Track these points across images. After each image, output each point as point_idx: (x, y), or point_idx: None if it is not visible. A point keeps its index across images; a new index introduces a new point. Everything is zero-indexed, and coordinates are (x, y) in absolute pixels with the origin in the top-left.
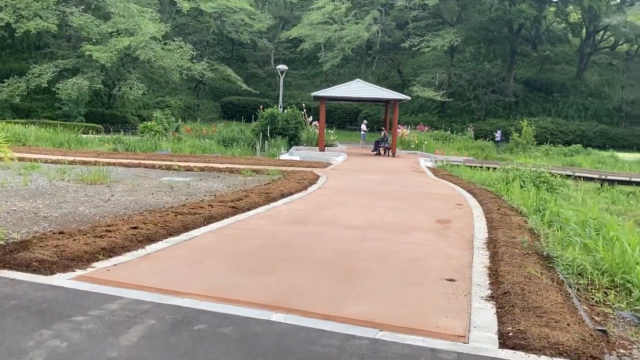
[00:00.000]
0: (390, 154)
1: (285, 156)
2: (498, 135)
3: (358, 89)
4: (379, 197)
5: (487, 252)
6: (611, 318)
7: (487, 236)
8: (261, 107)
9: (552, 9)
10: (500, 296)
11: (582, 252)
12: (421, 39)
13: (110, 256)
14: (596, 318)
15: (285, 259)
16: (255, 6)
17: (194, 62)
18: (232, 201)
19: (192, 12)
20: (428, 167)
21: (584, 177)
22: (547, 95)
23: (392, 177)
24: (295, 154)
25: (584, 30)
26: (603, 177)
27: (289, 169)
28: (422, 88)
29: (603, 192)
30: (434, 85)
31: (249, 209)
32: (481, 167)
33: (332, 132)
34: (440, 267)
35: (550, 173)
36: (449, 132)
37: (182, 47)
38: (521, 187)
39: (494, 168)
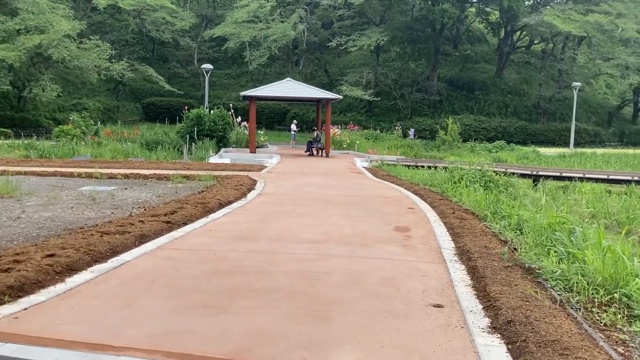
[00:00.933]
0: (324, 154)
1: (214, 159)
2: (411, 133)
3: (289, 88)
4: (327, 204)
5: (463, 266)
6: (632, 347)
7: (454, 245)
8: (186, 108)
9: (473, 9)
10: (504, 326)
11: (566, 263)
12: (347, 38)
13: (20, 296)
14: (619, 349)
15: (240, 290)
16: (176, 4)
17: (112, 62)
18: (165, 214)
19: (109, 9)
20: (365, 168)
21: (520, 174)
22: (469, 94)
23: (333, 179)
24: (226, 157)
25: (503, 30)
26: (535, 172)
27: (222, 173)
28: (351, 87)
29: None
30: (361, 85)
31: (185, 223)
32: (416, 166)
33: (261, 132)
34: (420, 289)
35: (494, 171)
36: (379, 131)
37: (99, 46)
38: (466, 186)
39: (429, 167)
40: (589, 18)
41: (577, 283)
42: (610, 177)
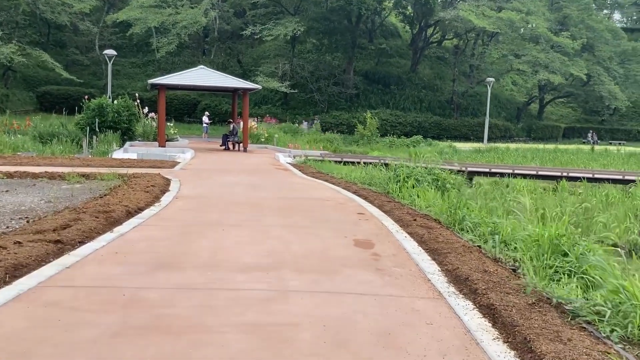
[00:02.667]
0: (242, 148)
1: (119, 154)
2: (305, 125)
3: (203, 76)
4: (261, 210)
5: (471, 304)
6: None
7: (439, 268)
8: (86, 97)
9: (389, 4)
10: None
11: (605, 296)
12: (262, 27)
13: None
14: None
15: None
16: None
17: None
18: (54, 230)
19: None
20: (290, 164)
21: (449, 170)
22: (385, 88)
23: (259, 177)
24: (132, 151)
25: (418, 25)
26: (465, 168)
27: (129, 171)
28: (266, 78)
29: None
30: (277, 76)
31: (82, 242)
32: (343, 162)
33: (171, 125)
34: (435, 349)
35: (441, 169)
36: (297, 125)
37: None
38: (414, 186)
39: (357, 162)
40: (502, 15)
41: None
42: (540, 172)
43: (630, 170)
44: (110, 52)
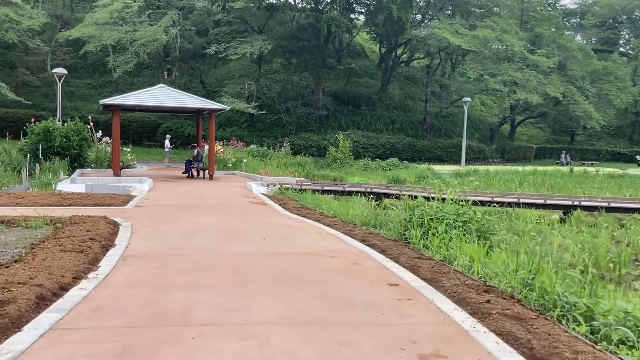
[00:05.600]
0: (207, 175)
1: (64, 185)
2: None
3: (163, 95)
4: (246, 280)
5: None
6: None
7: None
8: (33, 120)
9: (359, 21)
10: None
11: None
12: (227, 45)
13: None
14: None
15: None
16: (25, 0)
17: None
18: None
19: None
20: (266, 195)
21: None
22: (355, 109)
23: (234, 217)
24: (80, 182)
25: (389, 44)
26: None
27: (68, 211)
28: (232, 99)
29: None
30: (243, 97)
31: None
32: (322, 191)
33: (128, 149)
34: None
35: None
36: (265, 148)
37: None
38: (446, 231)
39: (342, 191)
40: (478, 32)
41: None
42: (548, 202)
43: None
44: (59, 70)
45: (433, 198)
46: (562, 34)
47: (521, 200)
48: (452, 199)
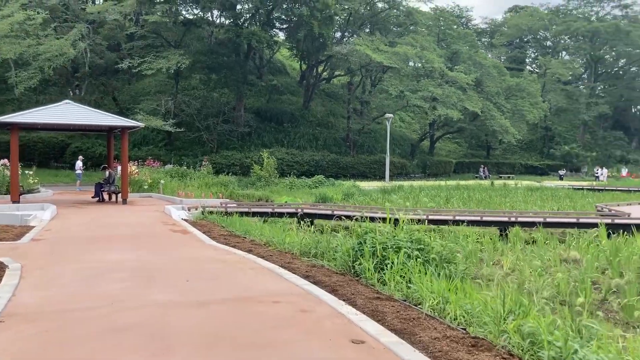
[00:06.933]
0: (120, 199)
1: None
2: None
3: (70, 112)
4: (170, 353)
5: None
6: None
7: None
8: None
9: (280, 38)
10: None
11: None
12: (142, 60)
13: None
14: None
15: None
16: None
17: None
18: None
19: None
20: (187, 221)
21: (379, 218)
22: (278, 126)
23: (151, 252)
24: None
25: (309, 60)
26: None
27: None
28: (148, 116)
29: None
30: (160, 114)
31: None
32: (251, 213)
33: (30, 172)
34: None
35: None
36: (185, 167)
37: None
38: (403, 264)
39: (271, 213)
40: (398, 49)
41: None
42: (484, 218)
43: (582, 210)
44: None
45: (372, 219)
46: (477, 51)
47: (457, 218)
48: (393, 220)
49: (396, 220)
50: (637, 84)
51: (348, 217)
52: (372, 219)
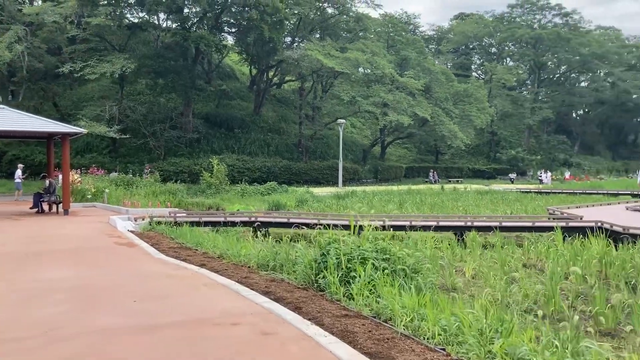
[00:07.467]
0: (62, 210)
1: None
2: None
3: (5, 118)
4: None
5: None
6: None
7: None
8: None
9: (229, 43)
10: None
11: None
12: (84, 64)
13: None
14: None
15: None
16: None
17: None
18: None
19: None
20: (134, 232)
21: (341, 225)
22: (228, 132)
23: (93, 268)
24: None
25: (260, 65)
26: (355, 222)
27: None
28: (91, 123)
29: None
30: (104, 120)
31: None
32: (200, 223)
33: None
34: None
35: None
36: (131, 176)
37: None
38: (370, 278)
39: (224, 222)
40: (349, 55)
41: None
42: (441, 223)
43: (534, 213)
44: None
45: (335, 226)
46: (425, 57)
47: (413, 223)
48: (357, 228)
49: (361, 227)
50: (578, 90)
51: (306, 225)
52: (335, 227)
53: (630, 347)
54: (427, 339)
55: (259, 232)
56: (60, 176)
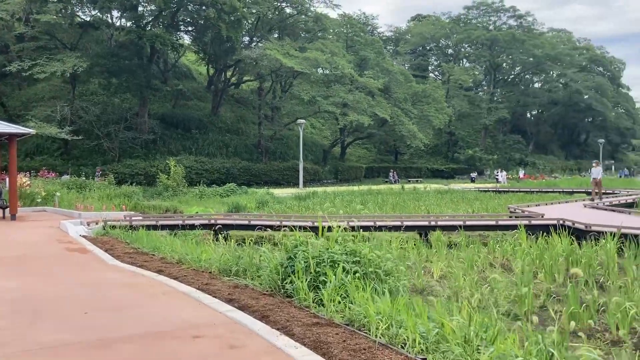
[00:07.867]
0: (8, 215)
1: None
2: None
3: None
4: None
5: None
6: None
7: None
8: None
9: (186, 42)
10: None
11: None
12: (33, 62)
13: None
14: None
15: None
16: None
17: None
18: None
19: None
20: (86, 238)
21: (306, 227)
22: (185, 133)
23: (43, 277)
24: None
25: (217, 64)
26: (313, 223)
27: None
28: (41, 124)
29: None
30: (55, 121)
31: None
32: (159, 226)
33: None
34: None
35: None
36: (84, 178)
37: None
38: (341, 282)
39: (182, 226)
40: (308, 54)
41: None
42: (405, 223)
43: (494, 211)
44: None
45: (300, 228)
46: (384, 58)
47: (378, 224)
48: (324, 229)
49: (329, 228)
50: (532, 90)
51: (270, 227)
52: (300, 228)
53: (608, 347)
54: (407, 348)
55: (219, 235)
56: (7, 179)
